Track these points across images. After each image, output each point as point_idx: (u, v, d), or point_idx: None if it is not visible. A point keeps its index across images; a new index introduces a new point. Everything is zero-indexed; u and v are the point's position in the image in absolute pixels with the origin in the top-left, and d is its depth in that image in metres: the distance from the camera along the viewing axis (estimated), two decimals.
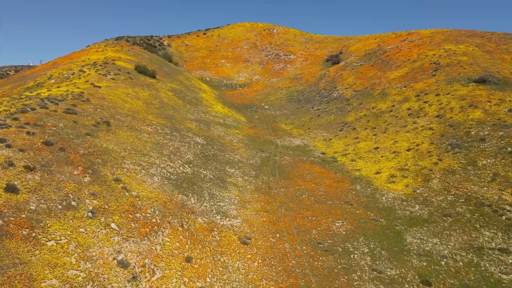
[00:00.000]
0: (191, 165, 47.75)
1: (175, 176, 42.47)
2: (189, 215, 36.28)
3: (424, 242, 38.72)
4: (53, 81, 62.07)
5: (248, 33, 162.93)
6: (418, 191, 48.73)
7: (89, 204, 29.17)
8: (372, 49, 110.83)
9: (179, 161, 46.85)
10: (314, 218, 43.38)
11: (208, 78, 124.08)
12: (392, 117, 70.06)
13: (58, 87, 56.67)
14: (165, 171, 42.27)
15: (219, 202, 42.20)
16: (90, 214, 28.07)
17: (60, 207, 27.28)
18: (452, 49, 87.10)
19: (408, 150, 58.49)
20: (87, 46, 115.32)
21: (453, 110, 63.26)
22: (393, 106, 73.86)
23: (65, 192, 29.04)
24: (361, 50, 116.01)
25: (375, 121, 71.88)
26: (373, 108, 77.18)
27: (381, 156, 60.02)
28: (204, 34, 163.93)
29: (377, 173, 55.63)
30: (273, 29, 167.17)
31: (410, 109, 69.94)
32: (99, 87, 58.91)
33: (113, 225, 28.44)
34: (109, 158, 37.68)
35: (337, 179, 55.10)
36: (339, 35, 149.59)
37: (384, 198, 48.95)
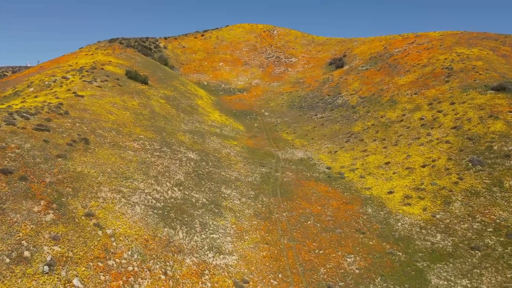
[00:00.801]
0: (181, 188, 42.08)
1: (162, 203, 36.82)
2: (176, 255, 30.61)
3: (452, 284, 33.06)
4: (32, 89, 56.45)
5: (248, 35, 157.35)
6: (438, 216, 43.12)
7: (47, 252, 23.54)
8: (378, 52, 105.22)
9: (167, 183, 41.19)
10: (321, 251, 37.72)
11: (205, 82, 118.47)
12: (403, 128, 64.44)
13: (36, 96, 51.03)
14: (150, 197, 36.62)
15: (212, 234, 36.55)
16: (46, 268, 22.43)
17: (7, 260, 21.66)
18: (465, 53, 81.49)
19: (423, 166, 52.87)
20: (79, 48, 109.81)
21: (471, 121, 57.64)
22: (404, 115, 68.24)
23: (18, 238, 23.42)
24: (366, 53, 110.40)
25: (384, 131, 66.27)
26: (381, 117, 71.57)
27: (393, 173, 54.40)
28: (202, 35, 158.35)
29: (390, 192, 50.02)
30: (273, 31, 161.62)
31: (423, 119, 64.33)
32: (82, 96, 53.28)
33: (76, 281, 22.79)
34: (82, 185, 32.04)
35: (346, 200, 49.46)
36: (342, 37, 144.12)
37: (399, 224, 43.32)
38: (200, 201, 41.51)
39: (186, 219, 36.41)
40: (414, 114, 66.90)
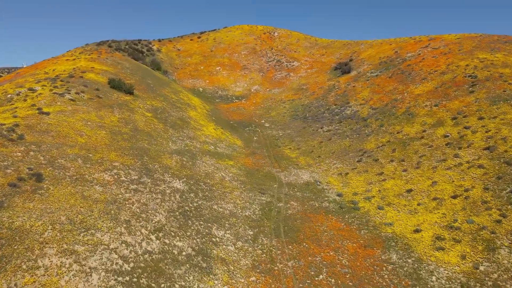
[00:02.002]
0: (161, 235, 33.41)
1: (132, 264, 28.16)
2: None
3: None
4: None
5: (247, 37, 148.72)
6: (482, 268, 34.51)
7: None
8: (388, 57, 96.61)
9: (143, 231, 32.54)
10: None
11: (201, 89, 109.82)
12: (424, 147, 55.81)
13: None
14: (116, 256, 27.95)
15: None
16: None
17: None
18: (489, 59, 72.88)
19: (454, 197, 44.25)
20: (67, 51, 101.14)
21: (507, 140, 49.06)
22: (424, 131, 59.62)
23: None
24: (374, 58, 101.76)
25: (402, 150, 57.63)
26: (398, 132, 62.92)
27: (418, 204, 45.76)
28: (199, 37, 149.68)
29: (417, 231, 41.40)
30: (274, 32, 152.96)
31: (448, 136, 55.72)
32: (47, 113, 44.62)
33: None
34: (16, 250, 23.42)
35: (364, 241, 40.79)
36: (347, 39, 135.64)
37: (434, 278, 34.68)
38: (184, 252, 32.83)
39: (163, 286, 27.71)
40: (437, 130, 58.27)
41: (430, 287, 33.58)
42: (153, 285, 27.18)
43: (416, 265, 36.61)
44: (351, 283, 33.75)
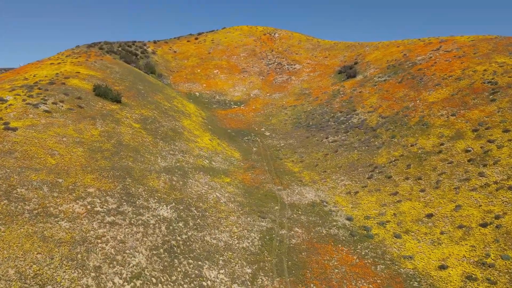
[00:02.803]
0: (138, 284, 27.46)
1: None
2: None
3: None
4: None
5: (246, 38, 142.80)
6: None
7: None
8: (397, 60, 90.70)
9: (116, 280, 26.59)
10: None
11: (197, 93, 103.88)
12: (444, 163, 49.87)
13: None
14: None
15: None
16: None
17: None
18: (508, 63, 66.98)
19: (484, 225, 38.35)
20: (56, 54, 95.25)
21: None
22: (442, 144, 53.69)
23: None
24: (381, 61, 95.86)
25: (419, 167, 51.69)
26: (412, 145, 56.98)
27: (441, 233, 39.84)
28: (196, 39, 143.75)
29: (442, 267, 35.50)
30: (274, 34, 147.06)
31: (469, 151, 49.80)
32: (14, 129, 38.69)
33: None
34: None
35: (381, 281, 34.84)
36: (351, 41, 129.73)
37: None
38: None
39: None
40: (456, 144, 52.33)
41: None
42: None
43: None
44: None
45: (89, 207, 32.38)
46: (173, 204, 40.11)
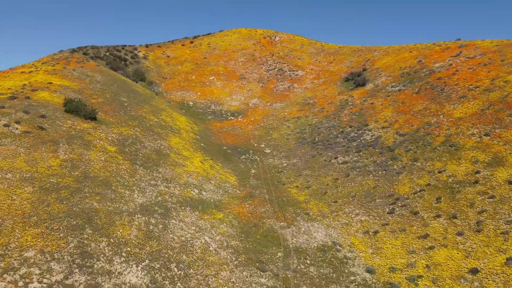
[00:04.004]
0: None
1: None
2: None
3: None
4: None
5: (245, 42, 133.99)
6: None
7: None
8: (411, 67, 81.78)
9: None
10: None
11: (191, 103, 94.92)
12: (483, 197, 40.84)
13: None
14: None
15: None
16: None
17: None
18: None
19: None
20: (38, 60, 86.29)
21: None
22: (477, 172, 44.65)
23: None
24: (393, 68, 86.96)
25: (451, 201, 42.63)
26: (439, 172, 47.92)
27: None
28: (191, 42, 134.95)
29: None
30: (275, 37, 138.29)
31: None
32: None
33: None
34: None
35: None
36: (357, 45, 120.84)
37: None
38: None
39: None
40: (496, 173, 43.30)
41: None
42: None
43: None
44: None
45: (21, 283, 23.32)
46: (147, 261, 31.02)
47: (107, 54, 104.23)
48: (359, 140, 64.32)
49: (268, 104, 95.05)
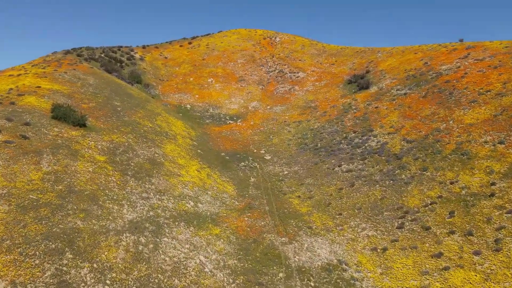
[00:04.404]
0: None
1: None
2: None
3: None
4: None
5: (244, 43, 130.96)
6: None
7: None
8: (417, 69, 78.73)
9: None
10: None
11: (188, 106, 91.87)
12: (500, 212, 37.79)
13: None
14: None
15: None
16: None
17: None
18: None
19: None
20: (30, 61, 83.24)
21: None
22: (493, 184, 41.59)
23: None
24: (398, 70, 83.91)
25: (466, 215, 39.58)
26: (451, 182, 44.85)
27: None
28: (190, 43, 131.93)
29: None
30: (275, 37, 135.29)
31: None
32: None
33: None
34: None
35: None
36: (359, 46, 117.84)
37: None
38: None
39: None
40: None
41: None
42: None
43: None
44: None
45: None
46: None
47: (102, 55, 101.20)
48: (363, 147, 61.25)
49: (268, 107, 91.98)
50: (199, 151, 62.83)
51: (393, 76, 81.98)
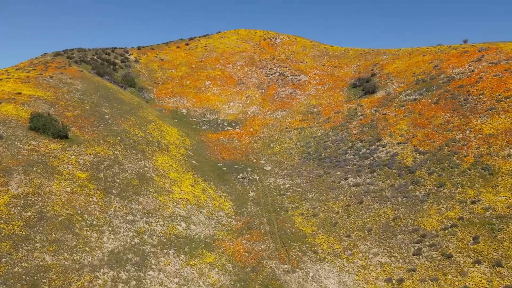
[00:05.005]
0: None
1: None
2: None
3: None
4: None
5: (244, 44, 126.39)
6: None
7: None
8: (426, 73, 74.12)
9: None
10: None
11: (184, 111, 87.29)
12: None
13: None
14: None
15: None
16: None
17: None
18: None
19: None
20: (15, 65, 78.61)
21: None
22: None
23: None
24: (406, 73, 79.31)
25: (492, 242, 34.97)
26: (473, 202, 40.24)
27: None
28: (187, 44, 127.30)
29: None
30: (275, 38, 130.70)
31: None
32: None
33: None
34: None
35: None
36: (363, 48, 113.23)
37: None
38: None
39: None
40: None
41: None
42: None
43: None
44: None
45: None
46: None
47: (95, 57, 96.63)
48: (372, 158, 56.63)
49: (269, 112, 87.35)
50: (194, 162, 58.22)
51: (401, 80, 77.34)
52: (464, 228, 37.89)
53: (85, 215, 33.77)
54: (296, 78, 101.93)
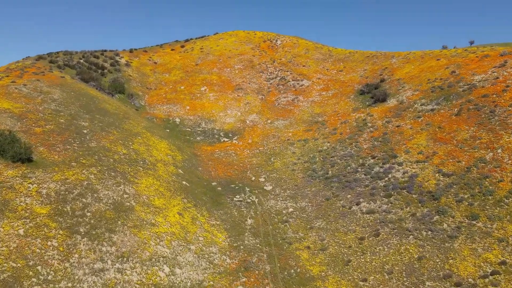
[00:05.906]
0: None
1: None
2: None
3: None
4: None
5: (242, 46, 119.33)
6: None
7: None
8: (443, 79, 67.14)
9: None
10: None
11: (177, 120, 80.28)
12: None
13: None
14: None
15: None
16: None
17: None
18: None
19: None
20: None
21: None
22: None
23: None
24: (419, 79, 72.32)
25: None
26: None
27: None
28: (182, 46, 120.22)
29: None
30: (276, 40, 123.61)
31: None
32: None
33: None
34: None
35: None
36: (370, 50, 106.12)
37: None
38: None
39: None
40: None
41: None
42: None
43: None
44: None
45: None
46: None
47: (82, 61, 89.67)
48: (386, 179, 49.66)
49: (269, 121, 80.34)
50: (184, 182, 51.23)
51: (414, 86, 70.35)
52: (508, 276, 30.96)
53: (38, 268, 26.81)
54: (298, 83, 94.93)
